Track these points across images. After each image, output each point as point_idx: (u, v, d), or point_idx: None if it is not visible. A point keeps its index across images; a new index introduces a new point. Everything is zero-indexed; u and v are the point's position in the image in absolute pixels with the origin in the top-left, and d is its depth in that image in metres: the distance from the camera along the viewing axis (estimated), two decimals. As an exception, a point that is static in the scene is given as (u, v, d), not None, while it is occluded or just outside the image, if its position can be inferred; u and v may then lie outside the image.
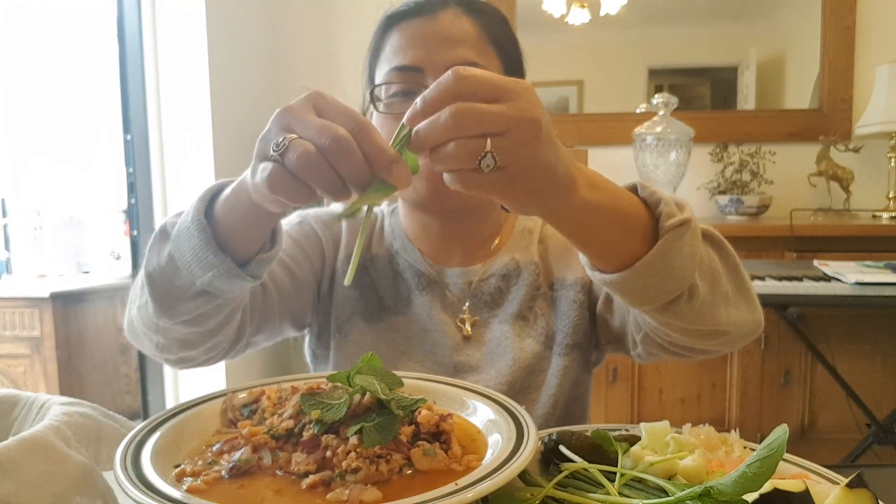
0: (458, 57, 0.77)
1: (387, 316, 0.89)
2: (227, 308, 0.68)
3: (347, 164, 0.46)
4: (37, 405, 0.56)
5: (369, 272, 0.91)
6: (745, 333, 0.69)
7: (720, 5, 2.89)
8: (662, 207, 0.56)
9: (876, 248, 2.15)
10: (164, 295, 0.65)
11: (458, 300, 0.89)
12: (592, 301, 0.87)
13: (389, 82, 0.81)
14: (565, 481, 0.50)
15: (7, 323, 2.53)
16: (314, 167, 0.46)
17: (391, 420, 0.51)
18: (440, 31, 0.79)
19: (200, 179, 2.43)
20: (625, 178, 0.62)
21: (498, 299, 0.89)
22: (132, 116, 2.38)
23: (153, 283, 0.65)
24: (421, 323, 0.88)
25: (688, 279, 0.58)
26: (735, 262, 0.66)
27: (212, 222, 0.60)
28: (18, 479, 0.45)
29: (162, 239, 0.65)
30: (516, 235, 0.93)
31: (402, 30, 0.81)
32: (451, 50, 0.78)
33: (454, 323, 0.88)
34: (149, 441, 0.51)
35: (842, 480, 0.46)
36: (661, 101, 2.51)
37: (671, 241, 0.55)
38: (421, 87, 0.76)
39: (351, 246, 0.92)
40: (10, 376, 2.54)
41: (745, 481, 0.40)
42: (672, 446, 0.52)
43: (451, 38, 0.79)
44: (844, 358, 2.20)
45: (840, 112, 2.65)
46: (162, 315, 0.65)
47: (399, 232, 0.94)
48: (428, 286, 0.89)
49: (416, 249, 0.91)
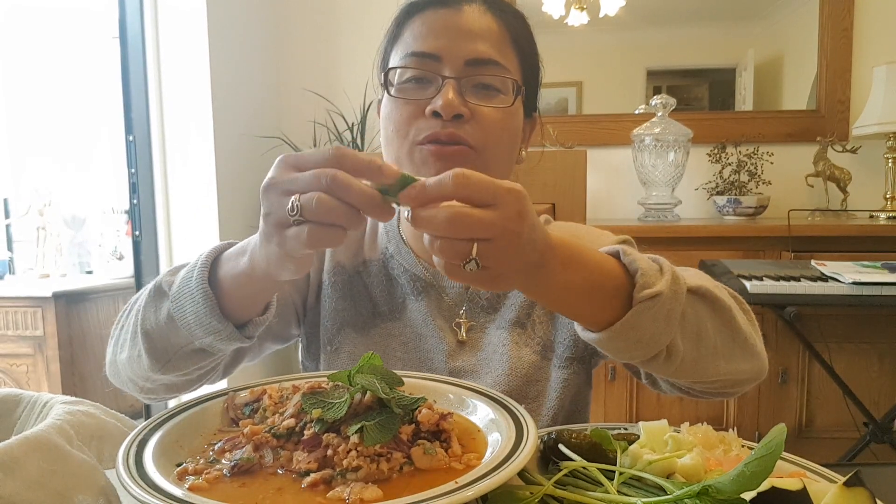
0: (478, 51, 0.77)
1: (381, 322, 0.87)
2: (218, 361, 0.71)
3: (355, 193, 0.49)
4: (39, 404, 0.57)
5: (362, 278, 0.89)
6: (743, 380, 0.69)
7: (718, 7, 2.89)
8: (639, 278, 0.57)
9: (873, 248, 2.15)
10: (161, 352, 0.66)
11: (454, 304, 0.87)
12: None
13: (405, 66, 0.79)
14: (564, 480, 0.51)
15: (10, 322, 2.53)
16: (334, 207, 0.49)
17: (392, 419, 0.51)
18: (463, 23, 0.78)
19: (201, 180, 2.44)
20: (624, 178, 0.62)
21: (495, 304, 0.87)
22: (134, 117, 2.38)
23: (149, 340, 0.66)
24: (416, 328, 0.86)
25: (662, 342, 0.59)
26: (729, 315, 0.65)
27: (214, 288, 0.62)
28: (21, 478, 0.45)
29: (158, 297, 0.67)
30: None
31: (424, 18, 0.80)
32: (472, 43, 0.77)
33: (450, 327, 0.86)
34: (151, 440, 0.52)
35: (839, 479, 0.47)
36: (659, 102, 2.51)
37: (641, 311, 0.56)
38: (436, 77, 0.76)
39: (339, 255, 0.91)
40: (12, 375, 2.54)
41: (744, 480, 0.41)
42: (670, 445, 0.52)
43: (473, 32, 0.78)
44: (842, 357, 2.20)
45: (837, 113, 2.65)
46: (157, 370, 0.67)
47: (394, 233, 0.91)
48: (423, 290, 0.87)
49: (410, 252, 0.89)
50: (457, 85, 0.76)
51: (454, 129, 0.75)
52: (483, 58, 0.77)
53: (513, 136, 0.81)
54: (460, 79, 0.76)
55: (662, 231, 2.31)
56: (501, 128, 0.78)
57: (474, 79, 0.77)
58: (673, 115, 2.54)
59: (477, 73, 0.77)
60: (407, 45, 0.79)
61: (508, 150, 0.82)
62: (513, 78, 0.78)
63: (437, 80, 0.76)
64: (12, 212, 3.08)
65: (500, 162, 0.81)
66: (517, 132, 0.83)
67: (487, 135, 0.77)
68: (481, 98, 0.77)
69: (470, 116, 0.76)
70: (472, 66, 0.76)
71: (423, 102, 0.76)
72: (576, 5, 2.79)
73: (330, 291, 0.88)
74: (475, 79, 0.77)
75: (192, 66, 2.39)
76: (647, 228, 2.33)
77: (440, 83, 0.76)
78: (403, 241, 0.90)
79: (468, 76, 0.76)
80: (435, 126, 0.75)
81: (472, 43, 0.77)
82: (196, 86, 2.40)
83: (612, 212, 2.75)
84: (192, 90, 2.41)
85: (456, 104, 0.75)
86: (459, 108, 0.75)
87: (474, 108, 0.76)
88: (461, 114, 0.75)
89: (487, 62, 0.77)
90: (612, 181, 2.74)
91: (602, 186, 2.73)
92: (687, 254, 2.24)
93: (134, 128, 2.39)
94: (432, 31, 0.78)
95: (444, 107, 0.74)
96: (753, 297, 1.75)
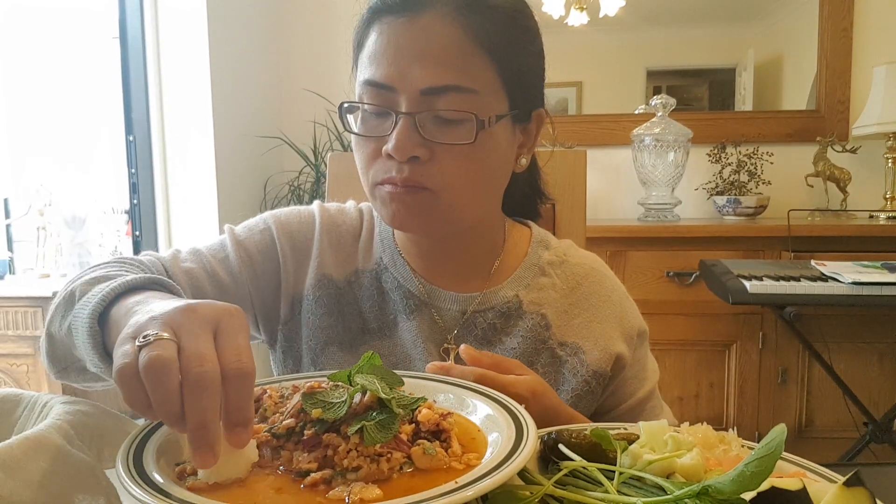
0: (434, 78, 0.68)
1: (370, 339, 0.81)
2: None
3: (202, 400, 0.42)
4: (39, 404, 0.57)
5: (353, 290, 0.83)
6: None
7: (718, 7, 2.90)
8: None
9: (873, 248, 2.15)
10: (60, 358, 0.65)
11: (445, 327, 0.81)
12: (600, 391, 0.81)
13: (360, 102, 0.73)
14: (564, 479, 0.51)
15: (10, 322, 2.53)
16: (163, 382, 0.42)
17: (392, 419, 0.51)
18: (418, 41, 0.69)
19: (201, 180, 2.44)
20: (624, 178, 0.62)
21: (491, 337, 0.81)
22: (134, 117, 2.39)
23: (52, 343, 0.64)
24: (405, 349, 0.80)
25: None
26: None
27: (106, 323, 0.57)
28: (21, 478, 0.45)
29: (68, 305, 0.64)
30: (525, 268, 0.84)
31: (382, 28, 0.71)
32: (428, 67, 0.68)
33: (438, 353, 0.80)
34: (151, 439, 0.52)
35: (839, 479, 0.47)
36: (659, 102, 2.51)
37: None
38: (393, 108, 0.69)
39: (325, 267, 0.82)
40: (12, 375, 2.54)
41: (743, 480, 0.41)
42: (670, 445, 0.52)
43: (428, 54, 0.68)
44: (841, 357, 2.20)
45: (837, 113, 2.65)
46: (53, 374, 0.66)
47: (389, 243, 0.85)
48: (416, 309, 0.81)
49: (406, 265, 0.83)
50: (411, 121, 0.68)
51: (410, 174, 0.69)
52: (439, 85, 0.68)
53: (486, 169, 0.74)
54: (416, 114, 0.68)
55: (662, 231, 2.31)
56: (467, 164, 0.71)
57: (432, 111, 0.69)
58: (673, 115, 2.54)
59: (433, 105, 0.69)
60: (364, 66, 0.73)
61: (482, 184, 0.75)
62: (471, 112, 0.68)
63: (392, 116, 0.69)
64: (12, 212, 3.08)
65: (470, 201, 0.74)
66: (496, 160, 0.75)
67: (449, 175, 0.70)
68: (442, 132, 0.69)
69: (428, 156, 0.69)
70: (428, 96, 0.68)
71: (381, 140, 0.70)
72: (576, 5, 2.79)
73: (314, 307, 0.82)
74: (433, 111, 0.69)
75: (192, 65, 2.40)
76: (646, 228, 2.33)
77: (395, 119, 0.69)
78: (399, 252, 0.84)
79: (424, 110, 0.69)
80: (391, 168, 0.70)
81: (427, 67, 0.68)
82: (196, 86, 2.40)
83: (611, 212, 2.75)
84: (192, 90, 2.41)
85: (408, 147, 0.68)
86: (413, 151, 0.69)
87: (433, 147, 0.69)
88: (416, 155, 0.69)
89: (445, 90, 0.68)
90: (612, 181, 2.75)
91: (602, 186, 2.73)
92: (687, 254, 2.25)
93: (134, 128, 2.40)
94: (386, 53, 0.70)
95: (395, 150, 0.68)
96: (753, 297, 1.76)
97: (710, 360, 2.32)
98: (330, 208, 0.89)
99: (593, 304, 0.84)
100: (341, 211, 0.89)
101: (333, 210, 0.89)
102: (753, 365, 2.28)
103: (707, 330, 2.29)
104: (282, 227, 0.84)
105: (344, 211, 0.89)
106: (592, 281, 0.85)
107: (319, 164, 2.72)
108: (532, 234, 0.88)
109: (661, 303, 2.27)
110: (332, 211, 0.89)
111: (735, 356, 2.30)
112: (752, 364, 2.29)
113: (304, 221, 0.86)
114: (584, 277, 0.85)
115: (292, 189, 2.72)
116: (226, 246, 0.83)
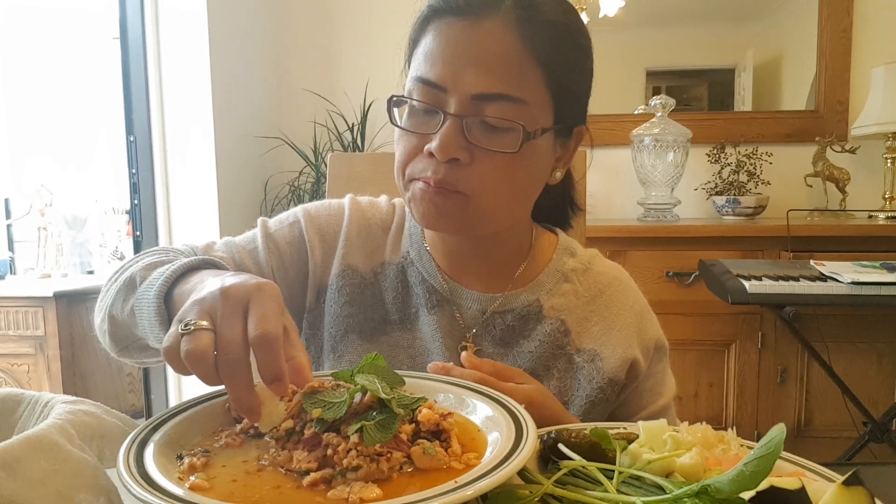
0: (486, 85, 0.69)
1: (390, 330, 0.83)
2: None
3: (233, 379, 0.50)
4: (40, 404, 0.57)
5: (378, 281, 0.85)
6: None
7: (717, 8, 2.90)
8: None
9: (872, 248, 2.16)
10: (121, 338, 0.69)
11: (464, 325, 0.82)
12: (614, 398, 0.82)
13: (410, 98, 0.73)
14: (564, 479, 0.51)
15: (11, 322, 2.53)
16: (200, 368, 0.50)
17: (392, 418, 0.51)
18: (476, 46, 0.69)
19: (202, 180, 2.44)
20: (624, 178, 0.62)
21: (509, 339, 0.82)
22: (135, 118, 2.39)
23: (114, 324, 0.69)
24: (424, 342, 0.82)
25: None
26: None
27: (170, 303, 0.63)
28: (22, 477, 0.45)
29: (129, 289, 0.68)
30: (548, 274, 0.85)
31: (439, 28, 0.72)
32: (481, 75, 0.69)
33: (456, 349, 0.81)
34: (152, 439, 0.52)
35: (838, 478, 0.47)
36: (658, 102, 2.52)
37: None
38: (442, 108, 0.70)
39: (351, 257, 0.85)
40: (14, 375, 2.54)
41: (743, 479, 0.41)
42: (669, 444, 0.52)
43: (484, 60, 0.69)
44: (841, 357, 2.20)
45: (836, 113, 2.66)
46: (115, 352, 0.71)
47: (417, 238, 0.86)
48: (438, 304, 0.82)
49: (431, 260, 0.84)
50: (458, 124, 0.70)
51: (445, 175, 0.70)
52: (491, 92, 0.69)
53: (522, 179, 0.75)
54: (464, 117, 0.70)
55: (662, 231, 2.31)
56: (506, 172, 0.72)
57: (480, 116, 0.70)
58: (672, 115, 2.54)
59: (482, 110, 0.70)
60: (418, 63, 0.73)
61: (515, 193, 0.76)
62: (519, 122, 0.70)
63: (441, 115, 0.70)
64: (13, 212, 3.08)
65: (501, 208, 0.75)
66: (533, 171, 0.76)
67: (485, 181, 0.71)
68: (488, 138, 0.70)
69: (469, 160, 0.71)
70: (479, 101, 0.69)
71: (424, 138, 0.72)
72: (576, 6, 2.79)
73: (336, 296, 0.84)
74: (481, 116, 0.70)
75: (192, 66, 2.40)
76: (646, 228, 2.33)
77: (442, 119, 0.70)
78: (426, 248, 0.85)
79: (472, 114, 0.70)
80: (428, 167, 0.71)
81: (482, 73, 0.69)
82: (196, 86, 2.40)
83: (611, 212, 2.75)
84: (192, 90, 2.41)
85: (451, 148, 0.69)
86: (455, 153, 0.70)
87: (475, 152, 0.71)
88: (457, 158, 0.70)
89: (496, 97, 0.69)
90: (611, 181, 2.75)
91: (602, 186, 2.73)
92: (686, 254, 2.25)
93: (135, 128, 2.40)
94: (442, 54, 0.71)
95: (438, 149, 0.69)
96: (752, 297, 1.76)
97: (709, 359, 2.32)
98: (362, 201, 0.91)
99: (614, 312, 0.85)
100: (373, 204, 0.91)
101: (365, 203, 0.91)
102: (753, 365, 2.29)
103: (706, 330, 2.29)
104: (311, 220, 0.87)
105: (375, 204, 0.91)
106: (615, 290, 0.86)
107: (320, 164, 2.72)
108: (559, 241, 0.89)
109: (661, 303, 2.25)
110: (363, 204, 0.91)
111: (734, 356, 2.30)
112: (752, 364, 2.29)
113: (333, 214, 0.88)
114: (606, 286, 0.86)
115: (292, 189, 2.72)
116: (256, 238, 0.86)
